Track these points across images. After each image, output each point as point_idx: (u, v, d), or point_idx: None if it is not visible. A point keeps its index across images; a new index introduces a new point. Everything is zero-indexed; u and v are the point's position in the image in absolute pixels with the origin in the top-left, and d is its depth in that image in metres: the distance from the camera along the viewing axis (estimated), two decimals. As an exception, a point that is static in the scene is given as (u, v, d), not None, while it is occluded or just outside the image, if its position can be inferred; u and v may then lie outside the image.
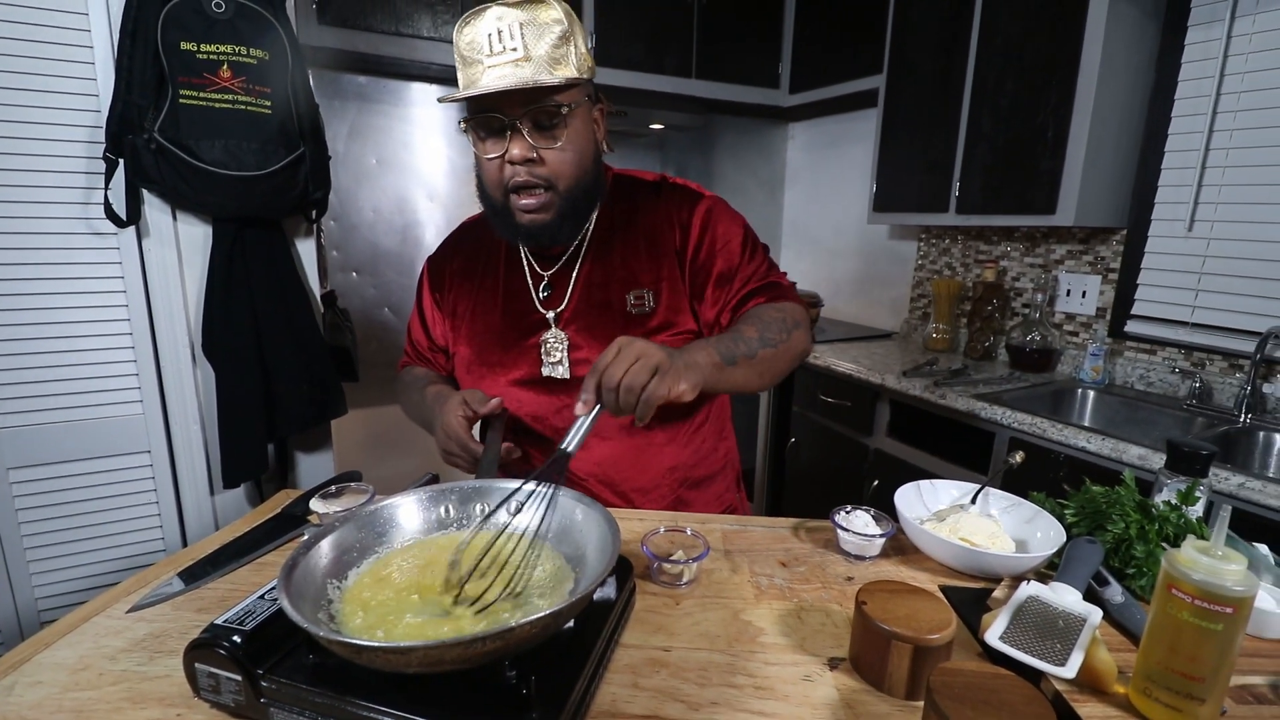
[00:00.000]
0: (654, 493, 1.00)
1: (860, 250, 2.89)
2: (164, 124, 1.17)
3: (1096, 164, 1.76)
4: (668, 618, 0.70)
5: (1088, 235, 2.01)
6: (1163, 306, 1.84)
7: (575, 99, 0.86)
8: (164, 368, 1.32)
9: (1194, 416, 1.68)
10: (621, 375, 0.71)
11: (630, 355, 0.72)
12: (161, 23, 1.15)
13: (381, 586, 0.62)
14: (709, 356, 0.81)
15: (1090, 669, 0.58)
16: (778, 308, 0.95)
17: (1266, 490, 1.19)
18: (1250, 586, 0.53)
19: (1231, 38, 1.65)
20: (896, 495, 0.88)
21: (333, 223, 2.38)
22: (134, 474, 1.33)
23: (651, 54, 2.47)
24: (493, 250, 1.04)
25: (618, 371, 0.71)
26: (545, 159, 0.86)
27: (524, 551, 0.63)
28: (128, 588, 0.75)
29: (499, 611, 0.58)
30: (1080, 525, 0.81)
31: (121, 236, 1.25)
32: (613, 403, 0.72)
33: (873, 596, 0.63)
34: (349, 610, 0.59)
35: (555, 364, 0.96)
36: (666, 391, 0.72)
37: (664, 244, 0.96)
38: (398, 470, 2.52)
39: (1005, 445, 1.66)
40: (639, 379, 0.71)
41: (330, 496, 0.86)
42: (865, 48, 2.37)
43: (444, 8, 2.12)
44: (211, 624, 0.56)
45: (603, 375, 0.71)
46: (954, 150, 2.06)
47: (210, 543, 0.86)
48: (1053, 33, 1.76)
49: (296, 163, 1.27)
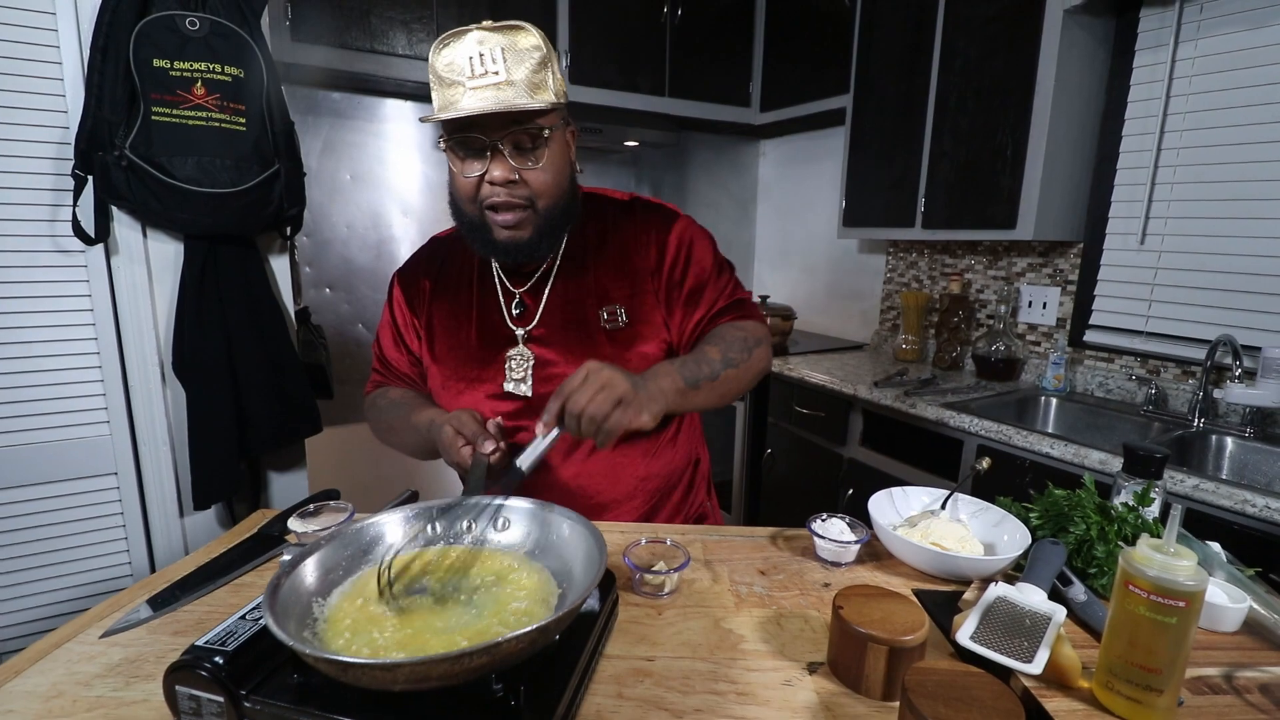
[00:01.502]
0: (627, 504, 1.01)
1: (831, 264, 2.96)
2: (135, 141, 1.16)
3: (1053, 181, 1.84)
4: (650, 628, 0.71)
5: (1047, 249, 2.09)
6: (1118, 316, 1.92)
7: (553, 122, 0.88)
8: (132, 387, 1.29)
9: (1150, 422, 1.75)
10: (585, 403, 0.74)
11: (596, 383, 0.75)
12: (134, 40, 1.14)
13: (366, 604, 0.62)
14: (673, 382, 0.85)
15: (1056, 665, 0.61)
16: (740, 327, 0.99)
17: (1219, 491, 1.25)
18: (1200, 581, 0.56)
19: (1176, 62, 1.74)
20: (870, 502, 0.91)
21: (306, 238, 2.36)
22: (100, 496, 1.30)
23: (626, 73, 2.51)
24: (465, 266, 1.04)
25: (582, 399, 0.74)
26: (526, 179, 0.87)
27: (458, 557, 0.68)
28: (100, 612, 0.74)
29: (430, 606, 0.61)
30: (1044, 528, 0.85)
31: (89, 254, 1.23)
32: (574, 428, 0.74)
33: (849, 601, 0.65)
34: (333, 628, 0.59)
35: (519, 381, 0.97)
36: (628, 422, 0.75)
37: (637, 261, 0.98)
38: (374, 487, 2.48)
39: (974, 452, 1.70)
40: (601, 409, 0.74)
41: (308, 516, 0.85)
42: (832, 68, 2.44)
43: (419, 25, 2.14)
44: (192, 645, 0.55)
45: (567, 400, 0.74)
46: (918, 167, 2.13)
47: (185, 565, 0.84)
48: (1009, 57, 1.84)
49: (271, 179, 1.27)
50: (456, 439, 0.86)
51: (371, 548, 0.70)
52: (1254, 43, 1.61)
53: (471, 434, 0.85)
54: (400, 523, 0.72)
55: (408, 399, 1.07)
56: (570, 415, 0.74)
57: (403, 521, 0.73)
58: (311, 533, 0.82)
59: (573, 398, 0.74)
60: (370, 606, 0.61)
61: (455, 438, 0.86)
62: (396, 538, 0.71)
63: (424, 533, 0.73)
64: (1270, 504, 1.18)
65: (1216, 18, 1.67)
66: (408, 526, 0.72)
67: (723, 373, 0.92)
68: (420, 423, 0.98)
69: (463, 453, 0.85)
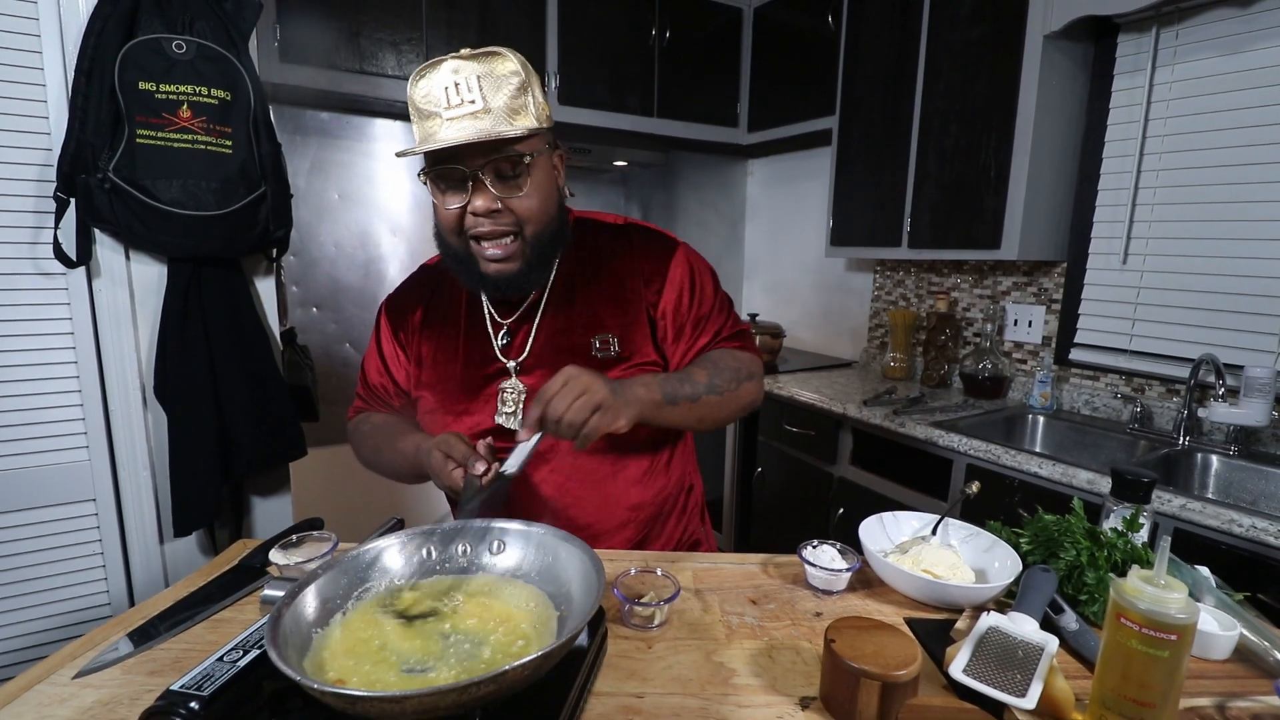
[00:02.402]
0: (619, 533, 1.00)
1: (819, 282, 2.98)
2: (119, 163, 1.15)
3: (1036, 202, 1.86)
4: (640, 662, 0.70)
5: (1031, 268, 2.11)
6: (1103, 335, 1.94)
7: (536, 147, 0.87)
8: (112, 411, 1.27)
9: (1137, 440, 1.77)
10: (564, 409, 0.76)
11: (575, 389, 0.77)
12: (119, 63, 1.13)
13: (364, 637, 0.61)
14: (650, 393, 0.86)
15: (1049, 698, 0.60)
16: (735, 356, 0.99)
17: (1205, 511, 1.25)
18: (1192, 614, 0.56)
19: (1154, 86, 1.78)
20: (860, 528, 0.90)
21: (293, 258, 2.35)
22: (78, 524, 1.27)
23: (614, 94, 2.53)
24: (453, 297, 1.03)
25: (561, 405, 0.76)
26: (511, 207, 0.86)
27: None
28: (73, 651, 0.72)
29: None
30: (1035, 554, 0.84)
31: (70, 277, 1.21)
32: (554, 432, 0.77)
33: (841, 634, 0.64)
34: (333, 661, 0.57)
35: (509, 414, 0.95)
36: (606, 426, 0.78)
37: (632, 289, 0.97)
38: (361, 510, 2.45)
39: (963, 470, 1.71)
40: (580, 415, 0.76)
41: (290, 547, 0.84)
42: (818, 90, 2.48)
43: (408, 46, 2.15)
44: (167, 690, 0.54)
45: (547, 406, 0.76)
46: (904, 188, 2.15)
47: (162, 599, 0.82)
48: (991, 80, 1.88)
49: (257, 202, 1.26)
50: (446, 463, 0.84)
51: (368, 575, 0.68)
52: (1228, 68, 1.65)
53: (461, 456, 0.84)
54: (397, 549, 0.71)
55: (389, 424, 1.05)
56: (550, 420, 0.76)
57: (399, 548, 0.71)
58: (294, 565, 0.80)
59: (552, 403, 0.76)
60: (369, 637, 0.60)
61: (445, 461, 0.84)
62: (395, 565, 0.70)
63: (420, 559, 0.71)
64: (1257, 524, 1.19)
65: (1192, 44, 1.71)
66: (404, 553, 0.71)
67: (704, 396, 0.92)
68: (406, 449, 0.96)
69: (454, 476, 0.83)
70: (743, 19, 2.78)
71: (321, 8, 2.00)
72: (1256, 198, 1.62)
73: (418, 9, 2.14)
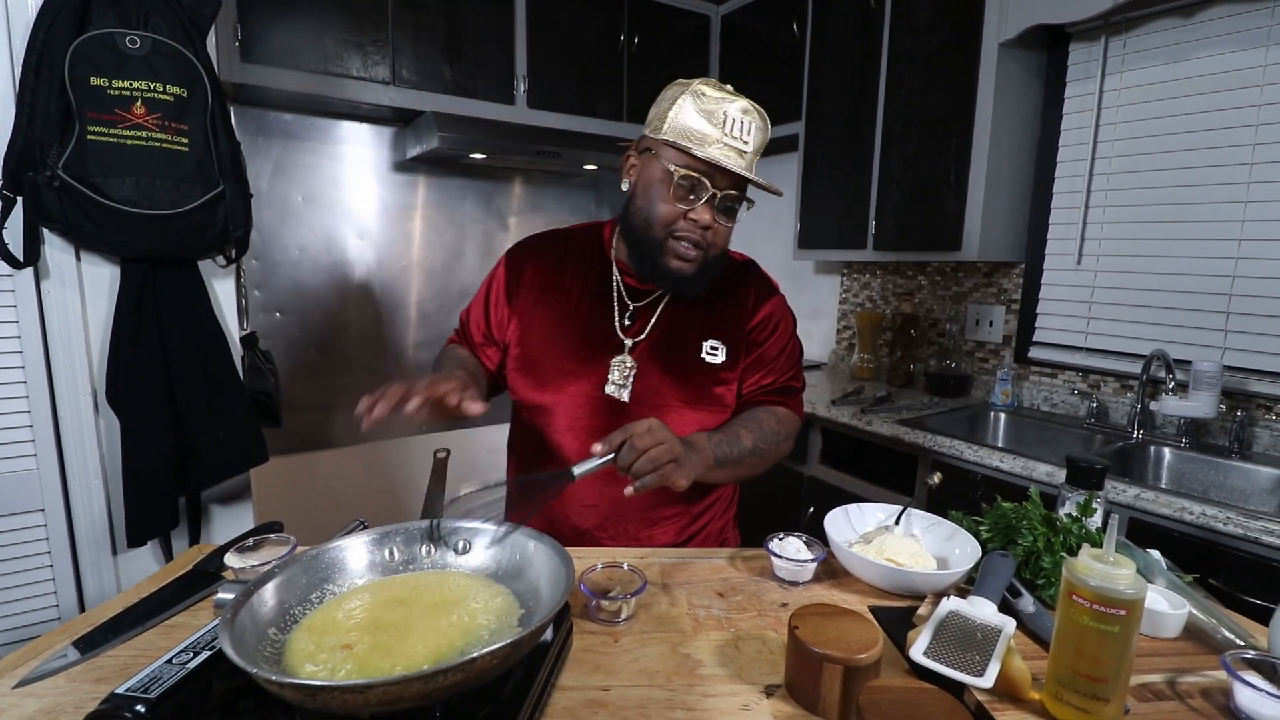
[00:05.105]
0: (672, 523, 1.07)
1: (788, 285, 2.96)
2: (69, 160, 1.11)
3: (994, 204, 1.91)
4: (606, 656, 0.70)
5: (991, 269, 2.17)
6: (1060, 333, 2.00)
7: (747, 197, 0.99)
8: (62, 418, 1.22)
9: (1093, 434, 1.82)
10: (649, 447, 0.81)
11: (660, 436, 0.83)
12: (69, 58, 1.10)
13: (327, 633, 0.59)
14: (704, 459, 0.94)
15: (1007, 678, 0.62)
16: (778, 417, 1.08)
17: (1158, 500, 1.29)
18: (1140, 589, 0.57)
19: (1104, 92, 1.85)
20: (826, 520, 0.91)
21: (255, 261, 2.30)
22: (25, 535, 1.22)
23: (584, 98, 2.54)
24: (582, 268, 1.10)
25: (647, 442, 0.81)
26: (717, 230, 0.98)
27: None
28: (14, 661, 0.69)
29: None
30: (994, 540, 0.86)
31: (17, 278, 1.16)
32: (628, 463, 0.80)
33: (804, 620, 0.65)
34: (294, 657, 0.55)
35: (620, 387, 1.03)
36: (673, 480, 0.84)
37: (740, 314, 1.09)
38: (324, 518, 2.39)
39: (929, 466, 1.74)
40: (661, 458, 0.81)
41: (247, 550, 0.81)
42: (785, 96, 2.51)
43: (374, 48, 2.12)
44: (112, 693, 0.52)
45: (633, 437, 0.81)
46: (868, 192, 2.19)
47: (112, 606, 0.79)
48: (950, 87, 1.93)
49: (215, 200, 1.23)
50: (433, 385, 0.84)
51: (330, 575, 0.67)
52: (1173, 75, 1.72)
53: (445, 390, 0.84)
54: (361, 548, 0.70)
55: (449, 356, 1.11)
56: (632, 449, 0.80)
57: (363, 547, 0.70)
58: (250, 568, 0.78)
59: (640, 437, 0.81)
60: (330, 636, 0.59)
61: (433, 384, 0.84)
62: (357, 564, 0.69)
63: (383, 558, 0.70)
64: (1206, 511, 1.23)
65: (1139, 52, 1.78)
66: (366, 552, 0.70)
67: (746, 459, 1.02)
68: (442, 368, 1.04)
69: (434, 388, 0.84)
70: (711, 26, 2.81)
71: (284, 7, 1.97)
72: (1202, 199, 1.69)
73: (384, 10, 2.12)
